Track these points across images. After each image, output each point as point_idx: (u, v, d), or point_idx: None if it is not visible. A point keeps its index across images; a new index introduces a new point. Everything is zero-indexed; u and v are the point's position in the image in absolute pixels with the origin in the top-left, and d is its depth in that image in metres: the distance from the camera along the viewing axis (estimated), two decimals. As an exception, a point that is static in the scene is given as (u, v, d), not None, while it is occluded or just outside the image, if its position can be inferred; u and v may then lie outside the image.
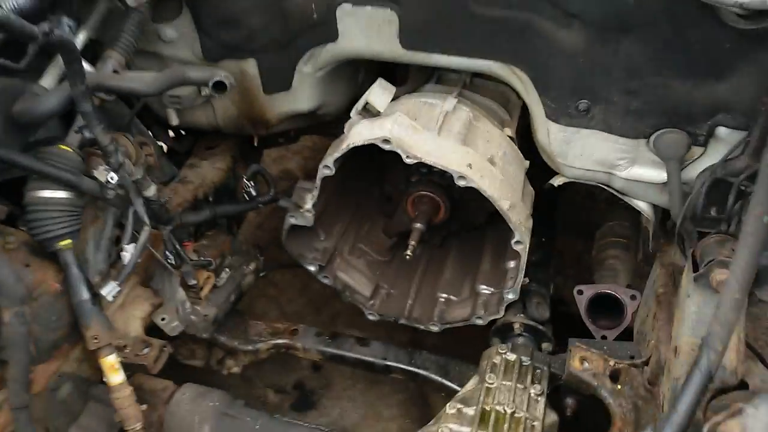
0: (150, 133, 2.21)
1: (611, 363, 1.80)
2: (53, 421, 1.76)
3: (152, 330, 1.97)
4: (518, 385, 1.81)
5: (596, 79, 1.73)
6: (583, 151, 1.87)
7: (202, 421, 1.91)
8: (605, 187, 1.98)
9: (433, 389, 2.26)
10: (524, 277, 2.00)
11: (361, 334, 2.95)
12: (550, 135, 1.86)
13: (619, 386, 1.75)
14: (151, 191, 1.77)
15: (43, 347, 1.67)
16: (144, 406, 1.80)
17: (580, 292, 2.15)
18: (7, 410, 1.49)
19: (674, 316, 1.66)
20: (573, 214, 3.46)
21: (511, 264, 2.07)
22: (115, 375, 1.72)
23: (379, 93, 1.97)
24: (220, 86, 1.73)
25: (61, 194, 1.64)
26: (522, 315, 2.08)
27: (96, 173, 1.64)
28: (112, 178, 1.64)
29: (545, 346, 2.07)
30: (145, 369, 1.84)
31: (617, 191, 1.98)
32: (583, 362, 1.79)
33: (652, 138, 1.77)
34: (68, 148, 1.67)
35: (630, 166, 1.87)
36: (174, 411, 1.93)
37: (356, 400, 2.75)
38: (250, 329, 2.28)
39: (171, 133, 2.59)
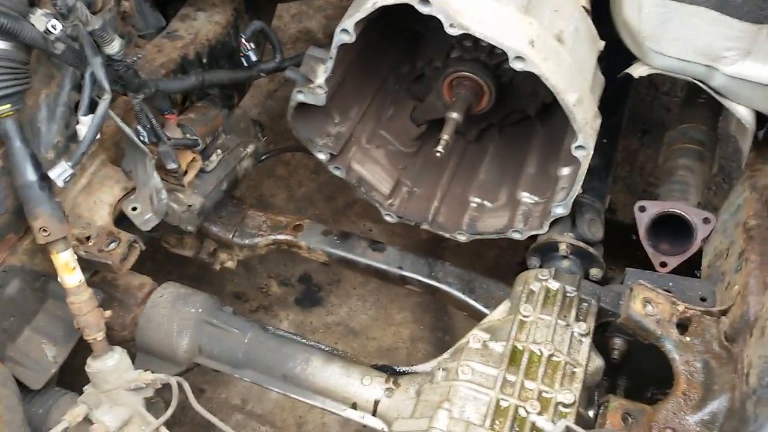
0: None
1: (680, 308, 1.45)
2: (1, 322, 1.48)
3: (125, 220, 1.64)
4: (559, 321, 1.48)
5: (721, -65, 1.28)
6: (682, 35, 1.45)
7: (181, 330, 1.64)
8: (700, 84, 1.56)
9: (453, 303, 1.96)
10: (579, 188, 1.62)
11: (377, 230, 2.67)
12: (642, 10, 1.44)
13: (687, 338, 1.41)
14: (114, 47, 1.37)
15: (-21, 237, 1.35)
16: (108, 313, 1.49)
17: (643, 209, 1.78)
18: None
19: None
20: (631, 106, 3.03)
21: (565, 171, 1.68)
22: (70, 275, 1.42)
23: (422, -65, 1.49)
24: None
25: (-6, 44, 1.25)
26: (570, 234, 1.71)
27: (33, 18, 1.23)
28: (54, 27, 1.24)
29: (594, 272, 1.73)
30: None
31: (714, 90, 1.56)
32: (647, 305, 1.44)
33: (780, 24, 1.37)
34: (6, -19, 1.26)
35: (740, 60, 1.47)
36: (150, 315, 1.65)
37: (367, 300, 2.52)
38: (248, 221, 1.95)
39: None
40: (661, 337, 1.41)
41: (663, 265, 1.78)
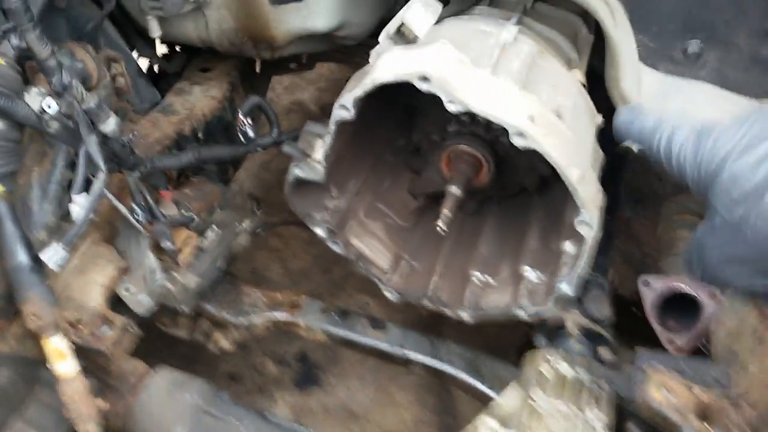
0: (125, 45, 1.76)
1: (696, 393, 1.38)
2: (-14, 413, 1.40)
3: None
4: (571, 406, 1.42)
5: (718, 12, 1.28)
6: (684, 110, 1.43)
7: (176, 420, 1.54)
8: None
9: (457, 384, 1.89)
10: (582, 262, 1.58)
11: (374, 303, 2.61)
12: (642, 85, 1.42)
13: (708, 426, 1.34)
14: (109, 125, 1.35)
15: (-35, 324, 1.30)
16: (102, 402, 1.42)
17: (647, 284, 1.72)
18: None
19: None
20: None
21: (568, 247, 1.63)
22: (61, 362, 1.34)
23: (419, 12, 1.49)
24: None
25: (-14, 123, 1.23)
26: (577, 311, 1.66)
27: (28, 97, 1.21)
28: (49, 106, 1.21)
29: (603, 352, 1.65)
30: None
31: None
32: (662, 390, 1.38)
33: (782, 99, 1.35)
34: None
35: (741, 134, 1.43)
36: (143, 403, 1.57)
37: (366, 380, 2.43)
38: (243, 298, 1.89)
39: (160, 49, 2.15)
40: (681, 426, 1.35)
41: (671, 342, 1.72)
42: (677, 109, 1.44)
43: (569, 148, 1.46)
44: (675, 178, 0.90)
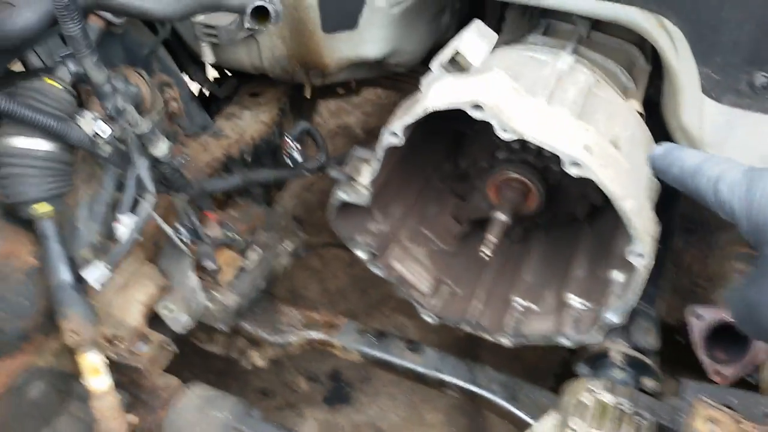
0: (177, 70, 1.77)
1: (747, 428, 1.33)
2: (20, 426, 1.41)
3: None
4: (613, 437, 1.37)
5: (787, 44, 1.24)
6: (747, 143, 1.38)
7: (207, 437, 1.54)
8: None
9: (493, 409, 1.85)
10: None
11: (411, 325, 2.58)
12: (705, 117, 1.37)
13: (759, 464, 1.29)
14: (161, 150, 1.34)
15: (7, 338, 1.31)
16: (133, 418, 1.42)
17: (696, 315, 1.67)
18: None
19: None
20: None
21: (617, 276, 1.59)
22: (96, 378, 1.35)
23: (474, 41, 1.46)
24: (261, 14, 1.27)
25: (40, 145, 1.23)
26: (623, 341, 1.61)
27: (82, 121, 1.21)
28: (102, 131, 1.21)
29: (649, 384, 1.61)
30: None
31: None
32: (709, 424, 1.33)
33: None
34: (56, 84, 1.26)
35: (807, 165, 1.38)
36: (174, 419, 1.57)
37: (397, 400, 2.41)
38: (280, 317, 1.88)
39: (211, 73, 2.16)
40: (729, 461, 1.29)
41: (717, 374, 1.67)
42: (740, 142, 1.39)
43: (625, 178, 1.42)
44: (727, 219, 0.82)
